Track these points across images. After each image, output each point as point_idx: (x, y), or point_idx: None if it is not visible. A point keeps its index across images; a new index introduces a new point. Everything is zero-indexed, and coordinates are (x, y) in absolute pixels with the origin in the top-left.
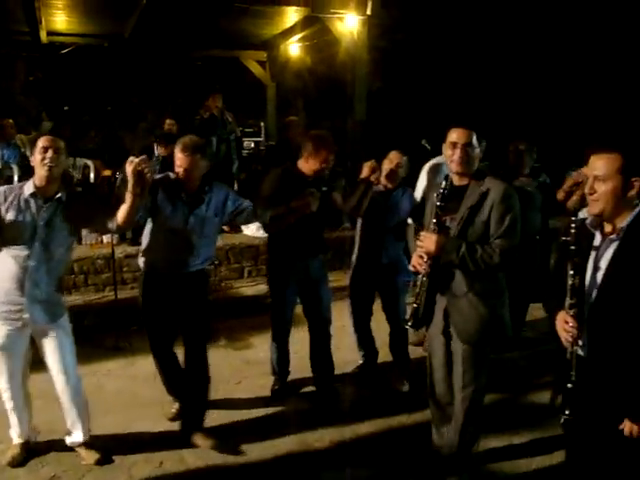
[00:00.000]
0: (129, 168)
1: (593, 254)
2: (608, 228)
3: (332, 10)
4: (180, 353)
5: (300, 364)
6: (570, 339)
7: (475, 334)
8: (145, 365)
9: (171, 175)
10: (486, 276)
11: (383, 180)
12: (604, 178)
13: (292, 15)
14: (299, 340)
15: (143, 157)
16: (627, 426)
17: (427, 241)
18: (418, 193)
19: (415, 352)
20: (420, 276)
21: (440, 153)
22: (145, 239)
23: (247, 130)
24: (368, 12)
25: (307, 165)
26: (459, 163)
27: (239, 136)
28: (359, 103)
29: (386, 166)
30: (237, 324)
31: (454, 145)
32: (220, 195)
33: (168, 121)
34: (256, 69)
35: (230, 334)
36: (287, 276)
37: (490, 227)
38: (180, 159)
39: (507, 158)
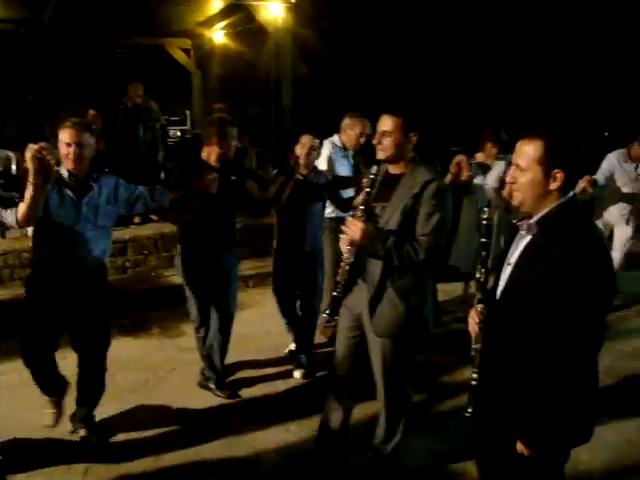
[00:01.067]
0: (28, 154)
1: (511, 249)
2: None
3: None
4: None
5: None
6: (474, 335)
7: (392, 329)
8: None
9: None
10: (409, 272)
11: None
12: (524, 168)
13: (216, 2)
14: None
15: (42, 143)
16: (519, 446)
17: (353, 228)
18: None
19: None
20: (342, 264)
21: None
22: (35, 236)
23: (173, 119)
24: (293, 0)
25: (209, 152)
26: (380, 150)
27: (164, 124)
28: (284, 90)
29: (299, 151)
30: (169, 313)
31: (378, 133)
32: (110, 182)
33: (91, 111)
34: (181, 57)
35: (162, 323)
36: (199, 270)
37: (418, 222)
38: (69, 134)
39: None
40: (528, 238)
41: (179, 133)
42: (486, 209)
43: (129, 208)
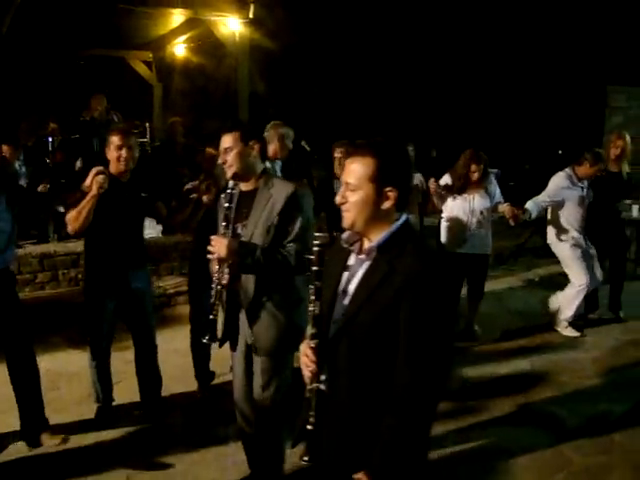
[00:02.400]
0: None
1: (345, 275)
2: (366, 245)
3: (214, 13)
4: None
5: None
6: (309, 374)
7: (273, 344)
8: None
9: None
10: (284, 285)
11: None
12: (355, 186)
13: (177, 16)
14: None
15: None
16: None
17: (218, 245)
18: None
19: None
20: (214, 285)
21: (320, 154)
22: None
23: (133, 131)
24: (250, 15)
25: (113, 166)
26: (227, 168)
27: None
28: (241, 104)
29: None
30: (118, 326)
31: (222, 153)
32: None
33: (52, 124)
34: (142, 69)
35: None
36: (103, 288)
37: (281, 231)
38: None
39: None
40: (367, 263)
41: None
42: (318, 234)
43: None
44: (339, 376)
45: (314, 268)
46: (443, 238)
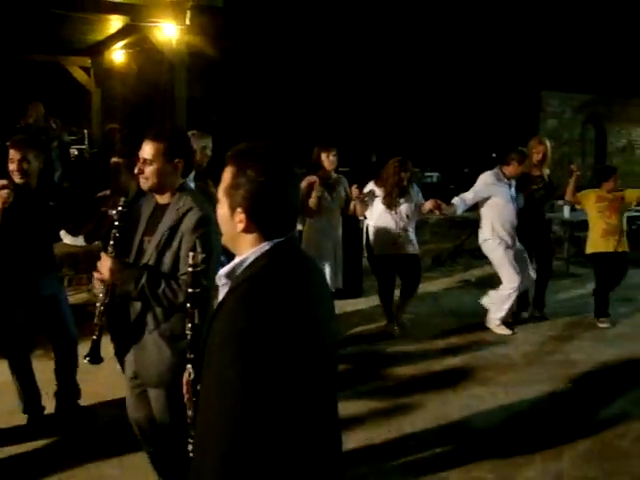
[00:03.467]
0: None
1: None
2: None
3: (150, 19)
4: None
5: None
6: (187, 402)
7: (159, 377)
8: None
9: None
10: (177, 314)
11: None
12: (219, 197)
13: (115, 22)
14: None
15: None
16: None
17: (102, 266)
18: None
19: None
20: (97, 304)
21: None
22: None
23: (70, 138)
24: (187, 22)
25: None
26: (142, 179)
27: (68, 142)
28: (178, 110)
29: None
30: None
31: (140, 161)
32: None
33: None
34: (80, 75)
35: (47, 345)
36: (11, 296)
37: (181, 258)
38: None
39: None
40: (224, 292)
41: (76, 152)
42: (191, 253)
43: None
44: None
45: (190, 290)
46: (372, 242)
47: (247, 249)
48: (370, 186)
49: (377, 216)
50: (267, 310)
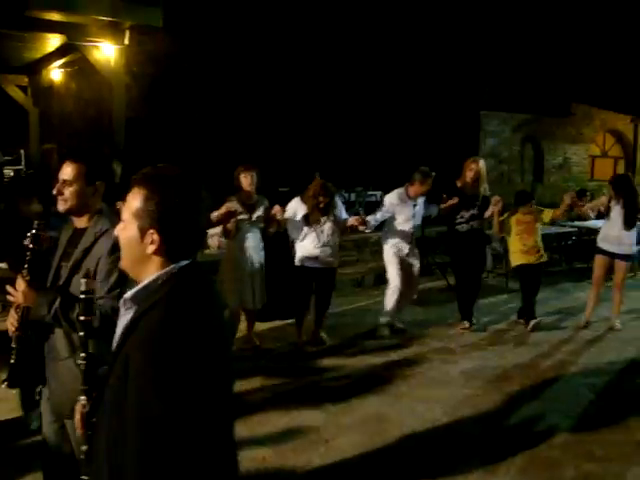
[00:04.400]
0: None
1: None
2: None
3: (88, 39)
4: None
5: None
6: (80, 434)
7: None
8: None
9: None
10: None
11: None
12: (125, 221)
13: (53, 40)
14: None
15: None
16: None
17: (17, 289)
18: None
19: None
20: (13, 329)
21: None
22: None
23: (6, 158)
24: (126, 42)
25: None
26: (60, 201)
27: (1, 162)
28: (117, 130)
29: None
30: None
31: (59, 182)
32: None
33: None
34: (16, 94)
35: None
36: None
37: (96, 282)
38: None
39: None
40: (128, 316)
41: (12, 173)
42: (83, 280)
43: None
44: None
45: (81, 317)
46: (294, 254)
47: (152, 272)
48: (295, 202)
49: (302, 232)
50: (180, 337)
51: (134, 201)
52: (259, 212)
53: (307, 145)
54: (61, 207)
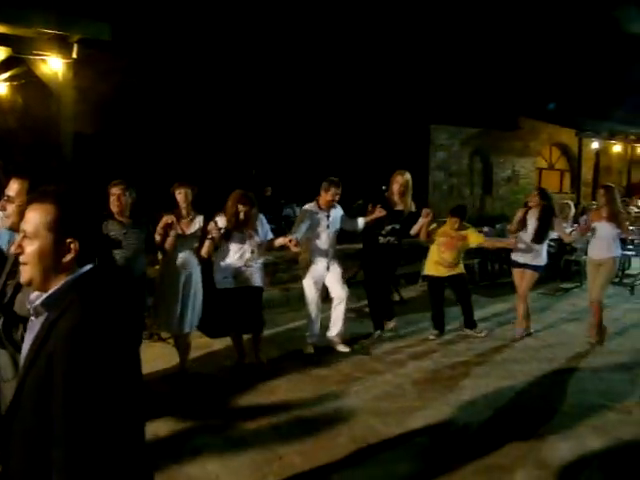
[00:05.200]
0: None
1: (28, 340)
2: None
3: (34, 52)
4: None
5: None
6: None
7: None
8: None
9: None
10: None
11: None
12: (32, 236)
13: None
14: None
15: None
16: None
17: None
18: None
19: None
20: None
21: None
22: None
23: None
24: (74, 55)
25: None
26: (2, 217)
27: None
28: (65, 144)
29: None
30: None
31: (4, 197)
32: None
33: None
34: None
35: None
36: None
37: None
38: None
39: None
40: (38, 325)
41: None
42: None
43: None
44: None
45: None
46: (215, 275)
47: (61, 279)
48: (219, 217)
49: (222, 250)
50: (97, 335)
51: (42, 216)
52: (193, 229)
53: (259, 160)
54: (4, 223)
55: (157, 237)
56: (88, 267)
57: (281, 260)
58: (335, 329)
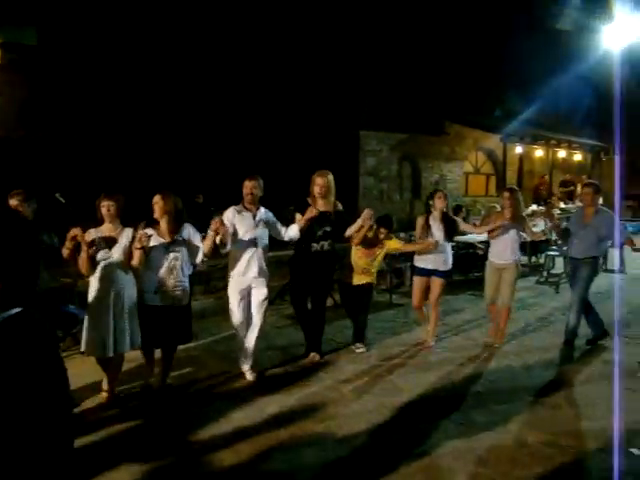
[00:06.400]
0: None
1: None
2: None
3: None
4: None
5: None
6: None
7: None
8: None
9: None
10: None
11: None
12: None
13: None
14: None
15: None
16: None
17: None
18: None
19: None
20: None
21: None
22: None
23: None
24: None
25: None
26: None
27: None
28: None
29: None
30: None
31: None
32: None
33: None
34: None
35: None
36: None
37: None
38: None
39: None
40: None
41: None
42: None
43: None
44: None
45: None
46: (138, 288)
47: None
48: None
49: (146, 261)
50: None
51: None
52: (122, 244)
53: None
54: None
55: (65, 251)
56: (14, 310)
57: (214, 268)
58: (247, 361)
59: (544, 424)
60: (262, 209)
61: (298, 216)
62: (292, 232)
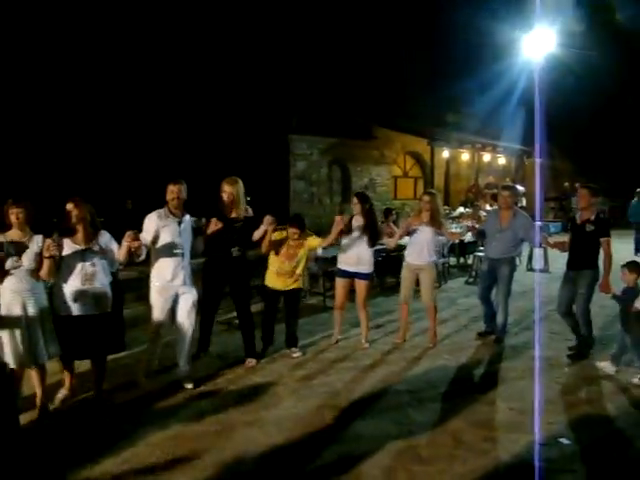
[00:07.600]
0: None
1: None
2: None
3: None
4: None
5: None
6: None
7: None
8: None
9: None
10: None
11: None
12: None
13: None
14: None
15: None
16: None
17: None
18: None
19: None
20: None
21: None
22: None
23: None
24: None
25: None
26: None
27: None
28: None
29: None
30: None
31: None
32: None
33: None
34: None
35: None
36: None
37: None
38: None
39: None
40: None
41: None
42: None
43: None
44: None
45: None
46: (54, 300)
47: None
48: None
49: (61, 268)
50: None
51: None
52: (32, 250)
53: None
54: None
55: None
56: None
57: (145, 275)
58: (184, 367)
59: (480, 420)
60: (187, 216)
61: (204, 221)
62: (198, 246)
